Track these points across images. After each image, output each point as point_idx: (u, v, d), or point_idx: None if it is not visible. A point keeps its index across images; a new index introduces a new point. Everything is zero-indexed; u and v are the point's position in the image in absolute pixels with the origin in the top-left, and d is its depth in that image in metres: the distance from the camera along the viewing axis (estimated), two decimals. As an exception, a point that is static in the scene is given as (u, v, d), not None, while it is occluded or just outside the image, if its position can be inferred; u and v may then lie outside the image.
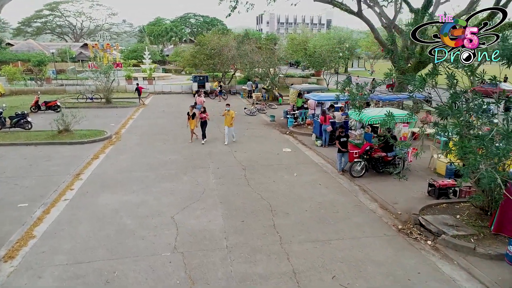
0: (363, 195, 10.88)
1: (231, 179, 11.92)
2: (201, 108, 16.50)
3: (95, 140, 16.55)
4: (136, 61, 57.70)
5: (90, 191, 10.76)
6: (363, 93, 9.13)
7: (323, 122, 15.64)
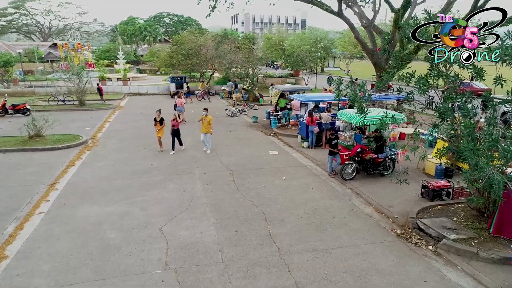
0: (356, 198, 10.60)
1: (219, 185, 11.37)
2: (174, 114, 14.93)
3: (70, 145, 15.57)
4: (109, 62, 55.85)
5: (68, 203, 9.96)
6: (365, 94, 8.79)
7: (310, 123, 15.33)
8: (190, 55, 33.61)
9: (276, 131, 18.81)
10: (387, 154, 12.08)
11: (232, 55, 30.27)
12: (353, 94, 9.20)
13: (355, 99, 8.74)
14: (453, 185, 10.34)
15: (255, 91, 29.92)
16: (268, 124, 20.76)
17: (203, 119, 14.47)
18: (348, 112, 12.44)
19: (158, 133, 14.62)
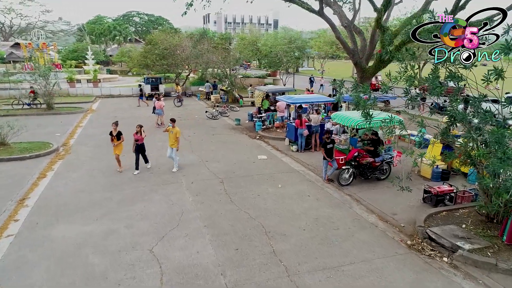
0: (357, 206, 10.05)
1: (210, 195, 10.52)
2: (137, 127, 12.42)
3: (39, 154, 14.19)
4: (77, 62, 53.26)
5: (41, 222, 8.80)
6: (370, 96, 8.22)
7: (299, 125, 14.72)
8: (165, 55, 32.31)
9: (261, 134, 18.09)
10: (383, 158, 11.63)
11: (210, 55, 29.29)
12: (357, 96, 8.64)
13: (359, 102, 8.13)
14: (456, 189, 9.98)
15: (235, 92, 29.10)
16: (252, 127, 20.04)
17: (169, 130, 12.47)
18: (343, 114, 11.90)
19: (115, 150, 12.26)
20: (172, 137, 12.39)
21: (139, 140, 12.26)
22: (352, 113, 11.99)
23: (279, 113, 18.98)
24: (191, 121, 21.80)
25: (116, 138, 12.15)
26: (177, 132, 12.40)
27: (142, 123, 18.29)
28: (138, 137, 12.27)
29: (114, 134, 12.16)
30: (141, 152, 12.52)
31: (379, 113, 12.16)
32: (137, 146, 12.34)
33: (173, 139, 12.34)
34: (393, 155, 11.95)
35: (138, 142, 12.29)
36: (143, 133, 12.39)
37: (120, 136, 12.21)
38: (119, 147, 12.28)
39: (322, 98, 16.72)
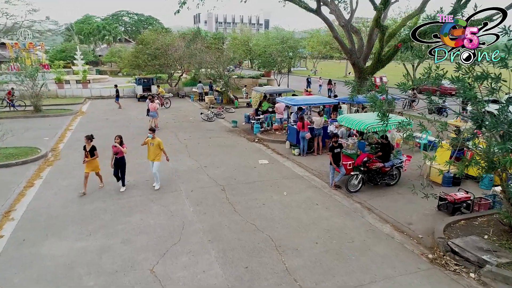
0: (369, 215, 9.47)
1: (212, 205, 9.83)
2: (116, 139, 10.61)
3: (26, 160, 13.32)
4: (66, 62, 51.92)
5: (29, 238, 8.02)
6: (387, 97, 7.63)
7: (301, 128, 14.11)
8: (157, 55, 31.47)
9: (260, 137, 17.45)
10: (393, 163, 11.07)
11: (204, 55, 28.55)
12: (373, 97, 8.06)
13: (375, 103, 7.54)
14: (473, 196, 9.47)
15: (229, 93, 28.40)
16: (249, 129, 19.39)
17: (148, 142, 10.72)
18: (351, 117, 11.31)
19: (86, 168, 10.41)
20: (153, 150, 10.65)
21: (118, 153, 10.50)
22: (360, 116, 11.42)
23: (278, 115, 18.36)
24: (186, 123, 21.05)
25: (90, 153, 10.39)
26: (159, 144, 10.67)
27: (135, 126, 17.42)
28: (117, 150, 10.49)
29: (87, 149, 10.37)
30: (121, 167, 10.68)
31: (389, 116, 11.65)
32: (116, 160, 10.59)
33: (154, 150, 10.66)
34: (403, 159, 11.41)
35: (118, 156, 10.53)
36: (123, 146, 10.57)
37: (94, 152, 10.42)
38: (91, 164, 10.49)
39: (325, 99, 16.12)
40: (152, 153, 10.73)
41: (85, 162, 10.39)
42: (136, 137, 17.09)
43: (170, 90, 34.08)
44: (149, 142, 10.73)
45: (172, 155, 14.28)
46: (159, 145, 10.70)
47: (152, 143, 10.67)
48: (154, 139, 10.69)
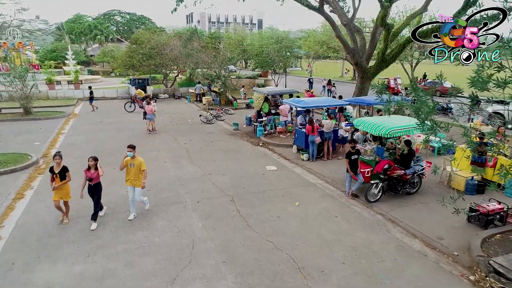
0: (394, 228, 8.67)
1: (222, 218, 8.95)
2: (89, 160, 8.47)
3: (15, 169, 12.31)
4: (56, 62, 50.54)
5: (19, 261, 7.06)
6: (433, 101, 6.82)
7: (310, 132, 13.29)
8: (152, 54, 30.46)
9: (264, 140, 16.59)
10: (415, 170, 10.31)
11: (202, 55, 27.62)
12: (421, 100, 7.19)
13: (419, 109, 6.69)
14: (507, 207, 8.74)
15: (228, 94, 27.51)
16: (252, 132, 18.55)
17: (127, 163, 8.65)
18: (370, 121, 10.51)
19: (56, 194, 8.40)
20: (133, 172, 8.60)
21: (93, 178, 8.36)
22: (379, 119, 10.64)
23: (282, 117, 17.53)
24: (184, 126, 20.12)
25: (59, 176, 8.30)
26: (140, 164, 8.63)
27: (131, 129, 16.50)
28: (92, 174, 8.36)
29: (57, 171, 8.24)
30: (96, 197, 8.50)
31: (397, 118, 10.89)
32: (91, 188, 8.43)
33: (136, 175, 8.64)
34: (424, 166, 10.65)
35: (92, 182, 8.37)
36: (99, 169, 8.54)
37: (66, 174, 8.37)
38: (63, 190, 8.42)
39: (334, 101, 15.31)
40: (133, 176, 8.64)
41: (54, 188, 8.24)
42: (133, 143, 16.12)
43: (165, 91, 33.11)
44: (128, 162, 8.63)
45: (174, 161, 13.43)
46: (140, 166, 8.64)
47: (132, 163, 8.61)
48: (134, 159, 8.63)
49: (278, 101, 20.61)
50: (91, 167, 8.40)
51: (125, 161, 8.71)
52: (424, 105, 6.42)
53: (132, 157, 8.63)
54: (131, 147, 8.67)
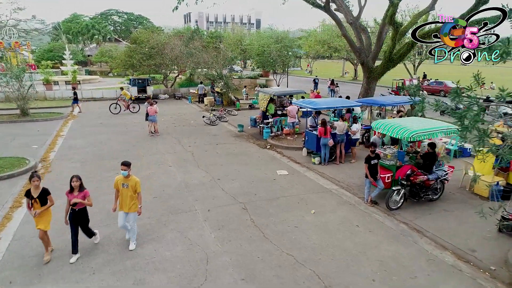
0: (421, 239, 8.08)
1: (236, 229, 8.33)
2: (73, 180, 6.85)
3: (12, 174, 11.65)
4: (53, 62, 49.75)
5: (18, 279, 6.41)
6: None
7: (322, 134, 12.69)
8: (152, 54, 29.79)
9: (272, 143, 15.99)
10: (438, 175, 9.73)
11: (203, 54, 26.97)
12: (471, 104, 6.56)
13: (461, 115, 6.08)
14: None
15: (230, 94, 26.88)
16: (258, 134, 17.95)
17: (120, 183, 7.21)
18: (391, 123, 9.91)
19: (38, 223, 6.87)
20: (126, 195, 7.16)
21: (77, 203, 6.85)
22: (400, 121, 10.04)
23: (290, 119, 16.92)
24: (187, 127, 19.48)
25: (39, 201, 6.79)
26: (136, 185, 7.19)
27: (132, 130, 15.95)
28: (76, 198, 6.81)
29: (35, 195, 6.74)
30: (81, 224, 7.08)
31: (426, 121, 10.31)
32: (72, 214, 6.91)
33: (130, 196, 7.19)
34: (447, 171, 10.07)
35: (76, 207, 6.88)
36: (85, 195, 6.92)
37: (47, 198, 6.87)
38: (44, 217, 6.90)
39: (346, 102, 14.70)
40: (128, 199, 7.18)
41: (36, 214, 6.76)
42: (134, 144, 15.53)
43: (165, 91, 32.46)
44: (120, 183, 7.19)
45: (179, 166, 12.80)
46: (136, 187, 7.20)
47: (125, 184, 7.15)
48: (128, 179, 7.16)
49: (283, 102, 20.03)
50: (75, 189, 6.84)
51: (116, 181, 7.25)
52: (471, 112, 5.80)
53: (126, 176, 7.15)
54: (125, 165, 7.12)
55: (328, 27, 49.27)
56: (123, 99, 23.70)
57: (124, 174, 7.14)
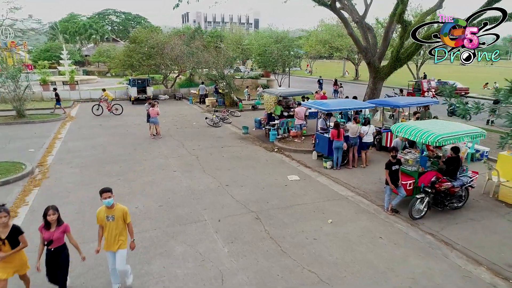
0: (451, 252, 7.47)
1: (250, 241, 7.69)
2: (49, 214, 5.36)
3: (8, 180, 10.96)
4: (50, 62, 48.90)
5: (11, 303, 5.75)
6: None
7: (336, 137, 12.08)
8: (152, 54, 29.11)
9: (279, 146, 15.36)
10: (463, 182, 9.12)
11: (205, 54, 26.32)
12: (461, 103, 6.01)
13: None
14: None
15: (233, 95, 26.23)
16: (263, 136, 17.33)
17: (104, 217, 5.72)
18: (413, 126, 9.28)
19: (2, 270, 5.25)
20: (113, 229, 5.71)
21: (53, 241, 5.43)
22: (425, 124, 9.41)
23: (298, 120, 16.28)
24: (190, 129, 18.83)
25: (9, 243, 5.22)
26: (124, 215, 5.75)
27: (133, 133, 15.42)
28: (52, 235, 5.42)
29: (3, 235, 5.16)
30: (58, 266, 5.58)
31: (451, 125, 9.72)
32: (51, 255, 5.54)
33: (117, 231, 5.74)
34: (472, 177, 9.47)
35: (52, 246, 5.48)
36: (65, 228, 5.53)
37: (19, 239, 5.31)
38: (16, 261, 5.38)
39: (359, 103, 14.02)
40: (115, 236, 5.72)
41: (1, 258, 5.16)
42: (137, 149, 14.89)
43: (165, 91, 31.77)
44: (104, 216, 5.67)
45: (184, 170, 12.16)
46: (125, 218, 5.75)
47: (110, 216, 5.66)
48: (113, 209, 5.68)
49: (289, 103, 19.41)
50: (52, 224, 5.41)
51: (99, 215, 5.72)
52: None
53: (111, 206, 5.67)
54: (107, 191, 5.59)
55: (328, 26, 48.64)
56: (105, 100, 22.93)
57: (109, 203, 5.62)
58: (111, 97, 23.21)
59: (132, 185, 10.79)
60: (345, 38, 46.77)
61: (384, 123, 15.14)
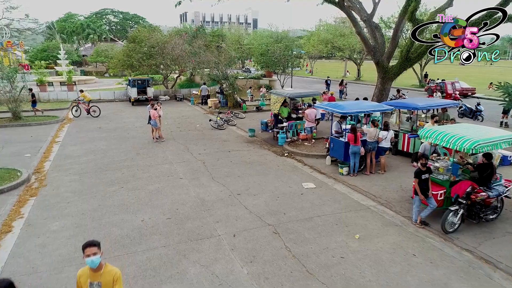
0: (495, 272, 6.72)
1: (271, 261, 6.91)
2: None
3: (2, 189, 10.15)
4: (47, 63, 47.97)
5: None
6: None
7: (353, 142, 11.32)
8: (153, 53, 28.28)
9: (289, 150, 14.58)
10: (499, 192, 8.38)
11: (207, 54, 25.52)
12: None
13: None
14: None
15: (236, 96, 25.44)
16: (271, 139, 16.57)
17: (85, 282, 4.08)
18: (443, 131, 8.53)
19: None
20: None
21: None
22: (458, 129, 8.65)
23: (308, 123, 15.53)
24: (194, 132, 18.03)
25: None
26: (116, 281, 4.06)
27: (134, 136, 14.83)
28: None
29: None
30: None
31: (487, 130, 8.97)
32: None
33: None
34: (508, 186, 8.73)
35: None
36: None
37: None
38: None
39: (377, 105, 13.15)
40: None
41: None
42: (138, 152, 14.07)
43: (166, 92, 30.95)
44: (86, 280, 4.10)
45: (192, 178, 11.40)
46: (116, 284, 4.07)
47: (96, 283, 4.07)
48: (100, 272, 4.08)
49: (297, 105, 18.66)
50: None
51: (79, 278, 4.16)
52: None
53: (97, 268, 4.06)
54: (92, 245, 4.03)
55: (330, 26, 47.98)
56: (82, 101, 22.00)
57: (93, 264, 4.00)
58: (88, 98, 22.26)
59: (137, 194, 9.99)
60: (347, 37, 46.18)
61: (401, 125, 14.37)
